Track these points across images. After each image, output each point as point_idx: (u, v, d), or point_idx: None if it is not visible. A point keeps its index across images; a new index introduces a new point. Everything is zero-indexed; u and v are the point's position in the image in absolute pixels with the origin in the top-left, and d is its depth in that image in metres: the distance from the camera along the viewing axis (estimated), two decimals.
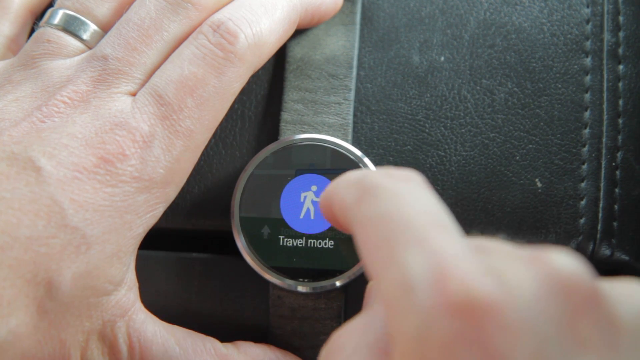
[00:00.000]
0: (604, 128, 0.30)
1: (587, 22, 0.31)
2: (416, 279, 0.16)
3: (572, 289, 0.17)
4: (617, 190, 0.29)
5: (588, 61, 0.30)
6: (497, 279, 0.16)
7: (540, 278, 0.17)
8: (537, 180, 0.29)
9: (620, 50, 0.31)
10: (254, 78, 0.31)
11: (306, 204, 0.28)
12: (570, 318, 0.16)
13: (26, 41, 0.30)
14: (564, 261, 0.17)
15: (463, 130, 0.30)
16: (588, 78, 0.30)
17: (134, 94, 0.26)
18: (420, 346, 0.15)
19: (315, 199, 0.28)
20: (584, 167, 0.29)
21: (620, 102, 0.30)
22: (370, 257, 0.18)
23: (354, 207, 0.19)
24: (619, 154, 0.30)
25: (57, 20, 0.27)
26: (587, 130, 0.30)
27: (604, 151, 0.29)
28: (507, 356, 0.15)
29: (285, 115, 0.30)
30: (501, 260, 0.17)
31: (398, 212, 0.18)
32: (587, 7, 0.31)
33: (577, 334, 0.16)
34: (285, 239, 0.28)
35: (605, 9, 0.31)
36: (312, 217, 0.28)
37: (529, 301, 0.16)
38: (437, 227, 0.17)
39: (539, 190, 0.29)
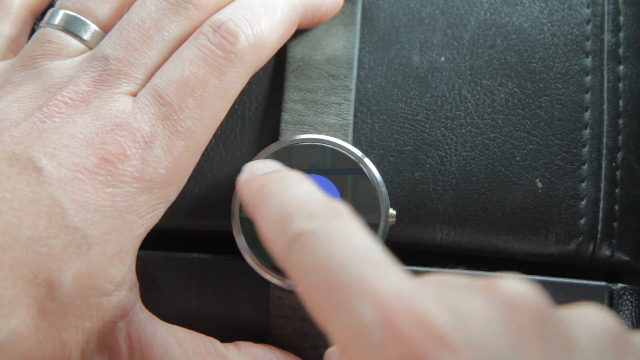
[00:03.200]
0: (605, 128, 0.30)
1: (588, 22, 0.31)
2: (366, 324, 0.16)
3: (520, 309, 0.17)
4: (617, 190, 0.29)
5: (588, 61, 0.30)
6: (446, 306, 0.17)
7: (489, 303, 0.17)
8: (537, 180, 0.29)
9: (620, 51, 0.31)
10: (254, 78, 0.31)
11: None
12: (519, 338, 0.16)
13: (27, 41, 0.30)
14: (513, 285, 0.18)
15: (463, 130, 0.30)
16: (588, 78, 0.30)
17: (134, 95, 0.26)
18: None
19: None
20: (585, 167, 0.29)
21: (621, 102, 0.30)
22: (317, 308, 0.18)
23: (286, 258, 0.19)
24: (619, 155, 0.30)
25: (57, 20, 0.27)
26: (587, 131, 0.30)
27: (604, 151, 0.30)
28: None
29: (285, 116, 0.30)
30: (450, 290, 0.18)
31: (332, 257, 0.18)
32: (588, 7, 0.31)
33: (527, 353, 0.16)
34: None
35: (606, 9, 0.31)
36: None
37: (479, 325, 0.16)
38: (374, 263, 0.18)
39: (540, 191, 0.29)
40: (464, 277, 0.19)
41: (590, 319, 0.18)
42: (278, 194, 0.21)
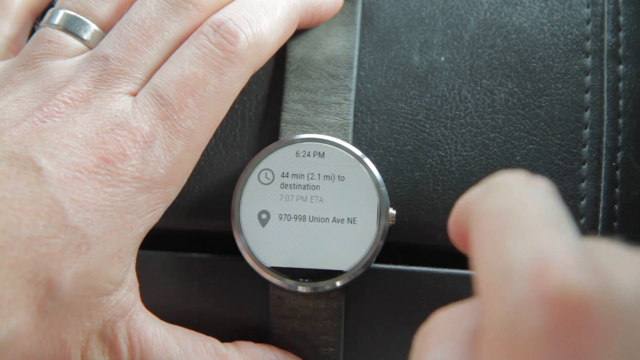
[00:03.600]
0: (605, 128, 0.30)
1: (588, 22, 0.31)
2: (515, 268, 0.16)
3: None
4: (617, 190, 0.29)
5: (588, 61, 0.30)
6: (599, 278, 0.15)
7: None
8: None
9: (620, 51, 0.31)
10: (254, 78, 0.31)
11: None
12: None
13: (27, 41, 0.30)
14: None
15: (463, 130, 0.30)
16: (588, 78, 0.30)
17: (134, 94, 0.26)
18: (509, 335, 0.15)
19: None
20: (584, 167, 0.29)
21: (621, 102, 0.30)
22: (478, 245, 0.18)
23: (477, 202, 0.19)
24: (619, 154, 0.30)
25: (57, 20, 0.27)
26: (587, 131, 0.30)
27: (604, 151, 0.30)
28: (595, 358, 0.14)
29: (285, 116, 0.30)
30: (610, 261, 0.16)
31: (516, 207, 0.18)
32: (588, 7, 0.31)
33: None
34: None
35: (606, 9, 0.31)
36: None
37: (628, 304, 0.15)
38: (551, 225, 0.17)
39: None
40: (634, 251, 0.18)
41: None
42: None
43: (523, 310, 0.15)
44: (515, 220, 0.17)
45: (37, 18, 0.31)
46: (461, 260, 0.30)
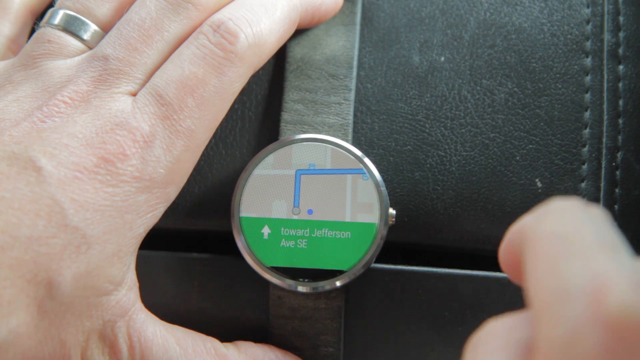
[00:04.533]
0: (604, 128, 0.30)
1: (587, 22, 0.31)
2: (574, 289, 0.16)
3: None
4: (617, 190, 0.29)
5: (588, 61, 0.30)
6: None
7: None
8: (537, 180, 0.29)
9: (620, 51, 0.31)
10: (254, 78, 0.31)
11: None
12: None
13: (27, 41, 0.30)
14: None
15: (463, 130, 0.30)
16: (588, 78, 0.30)
17: (134, 94, 0.26)
18: (565, 355, 0.15)
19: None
20: (584, 167, 0.29)
21: (621, 102, 0.30)
22: (533, 267, 0.18)
23: (532, 226, 0.19)
24: (619, 154, 0.30)
25: (57, 20, 0.27)
26: (587, 131, 0.30)
27: (604, 151, 0.30)
28: None
29: (285, 116, 0.30)
30: None
31: (572, 230, 0.18)
32: (587, 7, 0.31)
33: None
34: (286, 239, 0.28)
35: (606, 9, 0.31)
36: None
37: None
38: (607, 248, 0.17)
39: (539, 191, 0.29)
40: None
41: None
42: None
43: (580, 331, 0.15)
44: (572, 243, 0.17)
45: (37, 18, 0.31)
46: (461, 260, 0.31)
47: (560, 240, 0.18)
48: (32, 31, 0.31)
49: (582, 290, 0.16)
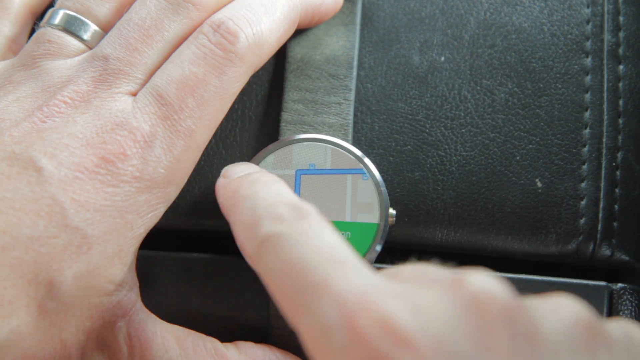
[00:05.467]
0: (604, 128, 0.30)
1: (588, 22, 0.31)
2: (329, 325, 0.17)
3: (486, 306, 0.17)
4: (617, 190, 0.29)
5: (588, 61, 0.30)
6: (408, 304, 0.17)
7: (454, 299, 0.17)
8: (537, 180, 0.29)
9: (620, 51, 0.31)
10: (254, 78, 0.31)
11: None
12: (485, 334, 0.16)
13: (27, 41, 0.30)
14: (479, 281, 0.18)
15: (463, 130, 0.30)
16: (588, 78, 0.30)
17: (134, 94, 0.26)
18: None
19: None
20: (584, 167, 0.29)
21: (621, 102, 0.30)
22: (285, 307, 0.19)
23: (256, 260, 0.20)
24: (619, 154, 0.30)
25: (57, 20, 0.27)
26: (587, 131, 0.30)
27: (604, 151, 0.30)
28: None
29: (285, 116, 0.30)
30: (415, 286, 0.18)
31: (297, 259, 0.18)
32: (587, 7, 0.31)
33: (493, 349, 0.16)
34: None
35: (606, 9, 0.31)
36: None
37: (441, 323, 0.16)
38: (338, 263, 0.18)
39: (539, 191, 0.29)
40: (435, 270, 0.19)
41: (561, 310, 0.18)
42: (249, 197, 0.22)
43: (350, 357, 0.16)
44: (304, 274, 0.18)
45: (37, 18, 0.31)
46: (460, 260, 0.31)
47: (293, 274, 0.18)
48: (32, 31, 0.31)
49: (337, 323, 0.17)
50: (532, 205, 0.29)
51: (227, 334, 0.29)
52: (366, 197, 0.28)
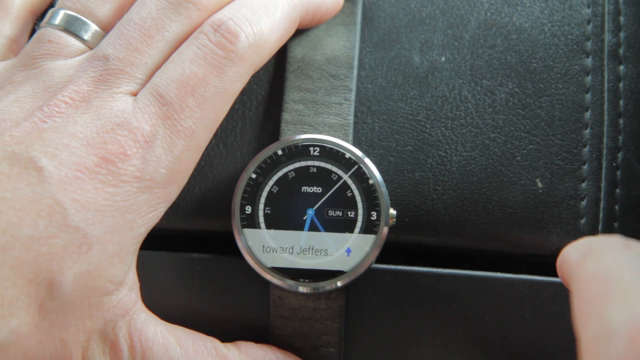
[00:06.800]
0: (605, 128, 0.30)
1: (588, 22, 0.31)
2: (614, 329, 0.18)
3: None
4: (617, 190, 0.29)
5: (589, 62, 0.30)
6: None
7: None
8: (537, 180, 0.29)
9: (621, 51, 0.31)
10: (255, 78, 0.31)
11: None
12: None
13: (27, 42, 0.30)
14: None
15: (464, 130, 0.30)
16: (589, 78, 0.30)
17: (135, 94, 0.26)
18: None
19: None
20: (585, 167, 0.29)
21: (621, 102, 0.30)
22: (580, 308, 0.20)
23: (576, 265, 0.21)
24: (619, 155, 0.30)
25: (58, 20, 0.27)
26: (587, 131, 0.30)
27: (604, 151, 0.30)
28: None
29: (286, 116, 0.30)
30: None
31: (613, 272, 0.20)
32: (588, 7, 0.31)
33: None
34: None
35: (606, 9, 0.31)
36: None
37: None
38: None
39: (540, 191, 0.29)
40: None
41: None
42: None
43: None
44: (613, 284, 0.19)
45: (38, 18, 0.31)
46: (461, 260, 0.31)
47: (602, 281, 0.20)
48: (33, 31, 0.31)
49: (621, 331, 0.18)
50: (533, 205, 0.29)
51: (227, 334, 0.29)
52: (366, 197, 0.28)
